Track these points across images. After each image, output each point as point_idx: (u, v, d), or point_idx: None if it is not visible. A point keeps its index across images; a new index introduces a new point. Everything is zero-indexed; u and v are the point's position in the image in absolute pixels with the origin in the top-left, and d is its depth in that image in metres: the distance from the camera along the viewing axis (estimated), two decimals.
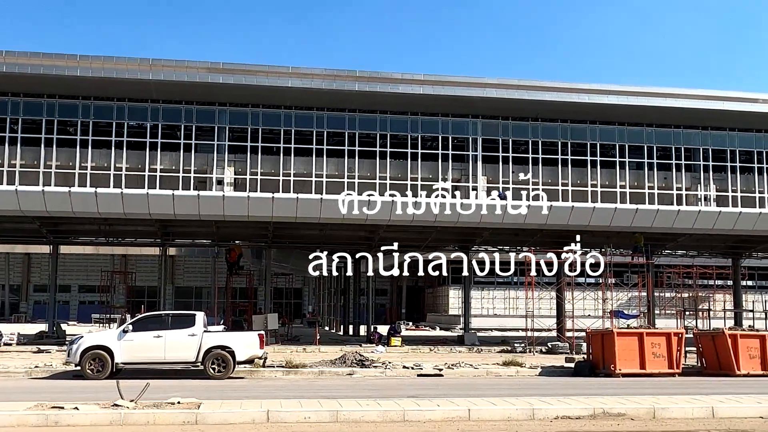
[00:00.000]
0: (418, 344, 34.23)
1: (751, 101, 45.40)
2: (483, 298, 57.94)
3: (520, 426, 11.82)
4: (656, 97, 44.69)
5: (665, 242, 37.62)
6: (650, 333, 21.84)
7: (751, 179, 46.50)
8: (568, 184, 44.91)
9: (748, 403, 13.65)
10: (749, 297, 51.26)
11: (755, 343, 21.67)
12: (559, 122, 45.45)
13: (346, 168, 43.03)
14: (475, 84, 43.61)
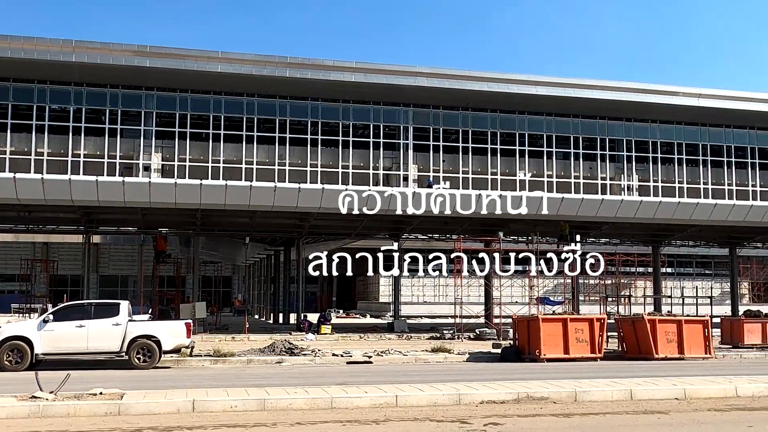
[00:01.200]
0: (349, 332, 34.30)
1: (672, 94, 46.95)
2: (413, 285, 58.41)
3: (447, 411, 11.98)
4: (582, 88, 45.77)
5: (590, 230, 38.61)
6: (574, 319, 22.40)
7: (672, 170, 48.15)
8: (497, 172, 45.63)
9: (664, 386, 14.16)
10: (668, 283, 53.06)
11: (673, 327, 22.48)
12: (488, 112, 46.09)
13: (276, 155, 42.68)
14: (407, 72, 43.80)
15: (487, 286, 35.47)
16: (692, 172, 48.39)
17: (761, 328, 26.85)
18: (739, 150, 49.15)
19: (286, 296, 41.92)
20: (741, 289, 59.78)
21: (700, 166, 48.54)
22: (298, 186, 31.28)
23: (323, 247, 44.41)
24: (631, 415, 11.87)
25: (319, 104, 43.57)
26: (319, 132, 43.41)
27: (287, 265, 42.58)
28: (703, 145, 48.76)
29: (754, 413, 12.14)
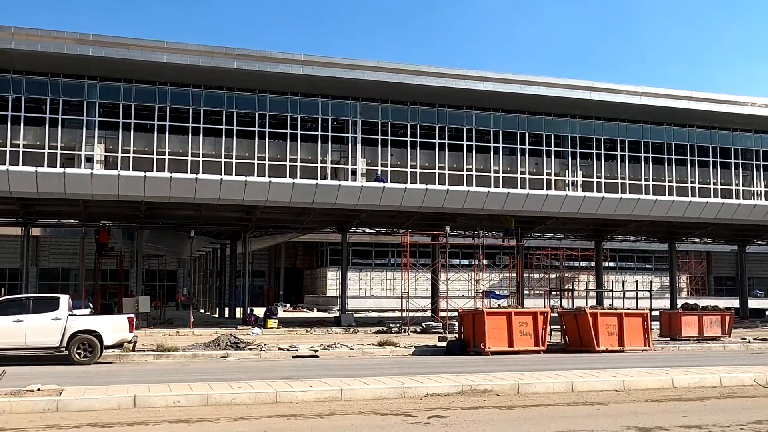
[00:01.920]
0: (295, 326, 34.18)
1: (615, 92, 47.93)
2: (361, 279, 58.47)
3: (391, 404, 12.05)
4: (529, 85, 46.39)
5: (535, 225, 39.17)
6: (518, 312, 22.70)
7: (615, 166, 49.15)
8: (444, 167, 45.97)
9: (604, 377, 14.48)
10: (610, 277, 54.22)
11: (613, 320, 22.98)
12: (437, 107, 46.36)
13: (223, 147, 42.24)
14: (356, 66, 43.77)
15: (434, 280, 35.73)
16: (634, 168, 49.49)
17: (698, 321, 27.61)
18: (679, 147, 50.46)
19: (232, 290, 41.54)
20: (680, 283, 61.45)
21: (642, 163, 49.68)
22: (244, 179, 31.00)
23: (270, 240, 44.14)
24: (571, 407, 12.11)
25: (267, 96, 43.24)
26: (267, 125, 43.11)
27: (233, 259, 42.20)
28: (645, 143, 49.91)
29: (688, 403, 12.51)
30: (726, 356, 22.24)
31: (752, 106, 50.58)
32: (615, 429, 10.06)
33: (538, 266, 52.77)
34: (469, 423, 10.46)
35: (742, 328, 34.60)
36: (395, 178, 43.48)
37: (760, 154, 52.02)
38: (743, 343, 26.59)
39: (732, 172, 51.43)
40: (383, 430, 9.99)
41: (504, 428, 10.08)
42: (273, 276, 68.69)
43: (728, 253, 60.31)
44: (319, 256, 64.24)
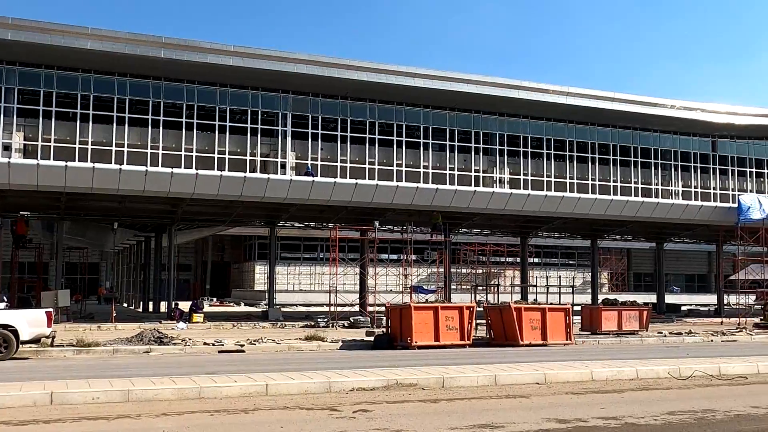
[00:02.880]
0: (222, 320, 33.77)
1: (542, 91, 48.81)
2: (289, 273, 58.17)
3: (317, 399, 12.04)
4: (459, 82, 46.80)
5: (462, 221, 39.67)
6: (445, 307, 22.99)
7: (541, 164, 50.10)
8: (374, 162, 46.00)
9: (526, 371, 14.80)
10: (535, 273, 55.36)
11: (537, 315, 23.50)
12: (367, 102, 46.31)
13: (149, 138, 41.20)
14: (287, 59, 43.33)
15: (363, 275, 35.82)
16: (559, 166, 50.52)
17: (617, 316, 28.51)
18: (602, 147, 51.74)
19: (157, 284, 40.70)
20: (601, 278, 63.28)
21: (567, 161, 50.76)
22: (171, 170, 30.41)
23: (197, 233, 43.42)
24: (494, 400, 12.34)
25: (196, 87, 42.36)
26: (195, 116, 42.24)
27: (159, 252, 41.34)
28: (570, 141, 50.98)
29: (606, 396, 12.91)
30: (643, 350, 23.01)
31: (672, 108, 52.29)
32: (536, 421, 10.30)
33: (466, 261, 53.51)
34: (394, 417, 10.54)
35: (659, 323, 35.90)
36: (325, 173, 43.29)
37: (678, 155, 53.84)
38: (659, 337, 27.58)
39: (652, 172, 53.07)
40: (309, 425, 9.97)
41: (428, 422, 10.19)
42: (199, 270, 67.66)
43: (647, 250, 62.39)
44: (247, 249, 63.59)
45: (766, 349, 23.54)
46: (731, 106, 54.74)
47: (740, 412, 11.20)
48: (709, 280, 71.45)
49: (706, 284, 72.90)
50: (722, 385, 14.54)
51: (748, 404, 11.87)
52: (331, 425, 9.91)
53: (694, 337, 28.06)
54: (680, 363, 16.56)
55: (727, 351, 21.97)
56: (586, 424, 10.12)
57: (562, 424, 10.09)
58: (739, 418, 10.67)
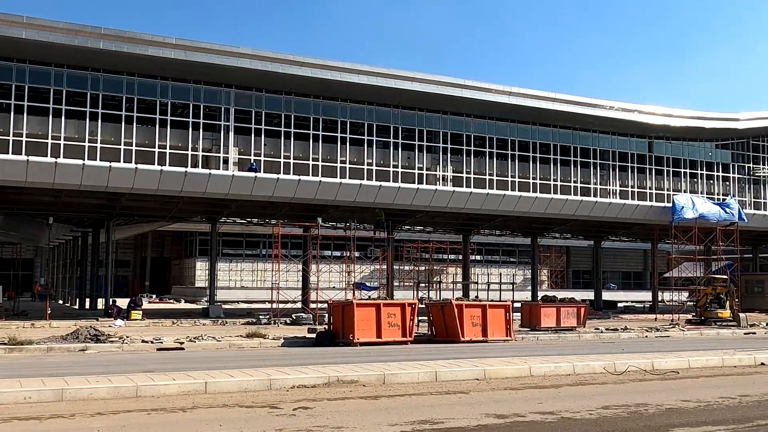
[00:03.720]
0: (161, 317, 33.22)
1: (485, 90, 49.34)
2: (231, 270, 57.56)
3: (257, 396, 11.95)
4: (403, 80, 46.97)
5: (405, 218, 39.83)
6: (387, 304, 23.04)
7: (483, 162, 50.67)
8: (318, 159, 45.83)
9: (467, 367, 14.95)
10: (477, 270, 55.99)
11: (478, 312, 23.75)
12: (311, 98, 46.10)
13: (87, 131, 40.23)
14: (230, 53, 42.81)
15: (305, 272, 35.68)
16: (501, 165, 51.16)
17: (556, 312, 29.02)
18: (543, 146, 52.59)
19: (94, 280, 39.81)
20: (541, 276, 64.40)
21: (509, 160, 51.43)
22: (109, 164, 29.74)
23: (136, 229, 42.60)
24: (435, 396, 12.44)
25: (136, 80, 41.53)
26: (135, 109, 41.40)
27: (96, 248, 40.42)
28: (512, 141, 51.66)
29: (544, 391, 13.14)
30: (580, 346, 23.49)
31: (610, 109, 53.47)
32: (475, 417, 10.41)
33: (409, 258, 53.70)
34: (335, 413, 10.54)
35: (596, 319, 36.67)
36: (268, 169, 42.93)
37: (616, 155, 55.08)
38: (596, 333, 28.18)
39: (591, 171, 54.18)
40: (248, 423, 9.89)
41: (369, 418, 10.21)
42: (139, 266, 66.39)
43: (586, 248, 63.62)
44: (187, 245, 62.68)
45: (697, 344, 24.29)
46: (667, 108, 56.30)
47: (671, 406, 11.53)
48: (645, 278, 73.36)
49: (641, 281, 74.82)
50: (655, 379, 14.94)
51: (679, 398, 12.23)
52: (270, 423, 9.85)
53: (630, 333, 28.76)
54: (615, 358, 16.96)
55: (660, 347, 22.59)
56: (523, 419, 10.29)
57: (500, 419, 10.23)
58: (670, 412, 10.99)
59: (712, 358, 17.78)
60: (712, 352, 19.31)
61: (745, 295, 46.46)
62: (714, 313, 34.94)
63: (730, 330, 32.02)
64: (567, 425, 9.92)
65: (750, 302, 46.12)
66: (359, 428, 9.50)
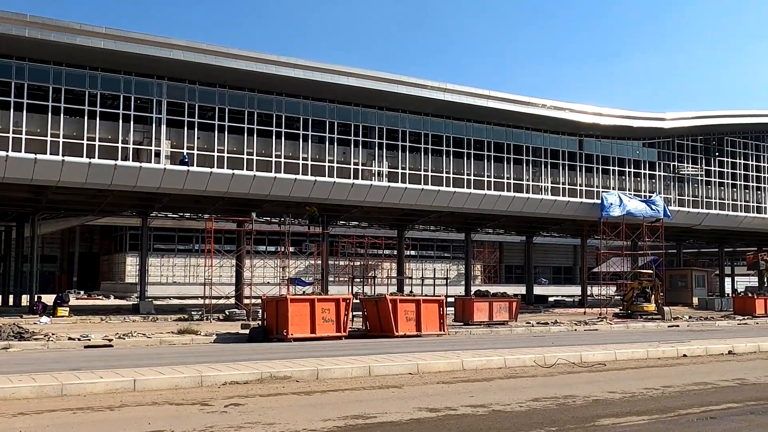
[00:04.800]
0: (89, 314, 32.38)
1: (421, 87, 49.62)
2: (163, 265, 56.48)
3: (187, 394, 11.76)
4: (339, 75, 46.82)
5: (341, 213, 39.78)
6: (321, 299, 23.01)
7: (419, 158, 50.98)
8: (253, 153, 45.34)
9: (400, 361, 15.04)
10: (412, 265, 56.30)
11: (412, 307, 23.91)
12: (246, 91, 45.56)
13: (11, 122, 38.88)
14: (162, 44, 41.93)
15: (239, 267, 35.27)
16: (436, 161, 51.58)
17: (488, 307, 29.45)
18: (478, 143, 53.23)
19: (18, 276, 38.52)
20: (475, 271, 65.23)
21: (444, 156, 51.89)
22: (34, 156, 28.80)
23: (63, 223, 41.39)
24: (368, 390, 12.47)
25: (63, 69, 40.31)
26: (63, 99, 40.18)
27: (20, 243, 39.10)
28: (447, 137, 52.14)
29: (475, 384, 13.31)
30: (512, 339, 23.89)
31: (543, 107, 54.46)
32: (408, 411, 10.48)
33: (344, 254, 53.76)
34: (267, 410, 10.45)
35: (528, 313, 37.37)
36: (202, 162, 42.27)
37: (548, 152, 56.17)
38: (528, 327, 28.70)
39: (523, 168, 55.11)
40: (178, 421, 9.72)
41: (301, 414, 10.16)
42: (66, 261, 64.53)
43: (518, 243, 64.70)
44: (118, 240, 61.25)
45: (623, 337, 25.00)
46: (597, 108, 57.67)
47: (598, 397, 11.83)
48: (575, 273, 75.03)
49: (571, 276, 76.52)
50: (583, 372, 15.31)
51: (605, 390, 12.56)
52: (201, 420, 9.70)
53: (560, 327, 29.40)
54: (545, 352, 17.31)
55: (588, 339, 23.16)
56: (455, 412, 10.40)
57: (432, 413, 10.32)
58: (596, 403, 11.27)
59: (638, 351, 18.32)
60: (638, 345, 19.90)
61: (669, 289, 47.99)
62: (640, 307, 36.04)
63: (655, 323, 33.08)
64: (497, 418, 10.07)
65: (674, 296, 47.70)
66: (291, 424, 9.45)
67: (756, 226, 52.13)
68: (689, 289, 50.97)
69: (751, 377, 14.59)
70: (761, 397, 12.01)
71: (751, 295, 43.20)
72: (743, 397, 11.99)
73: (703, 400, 11.64)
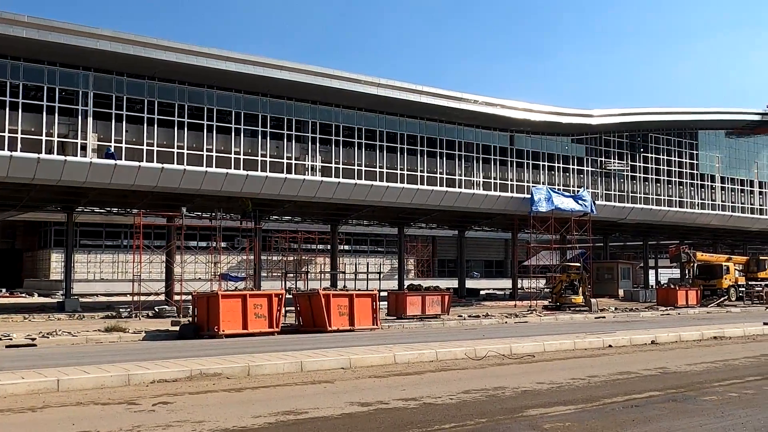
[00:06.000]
0: (11, 312, 31.33)
1: (354, 81, 49.48)
2: (90, 261, 55.00)
3: (114, 393, 11.50)
4: (272, 68, 46.29)
5: (274, 208, 39.45)
6: (253, 295, 22.81)
7: (352, 153, 50.93)
8: (183, 147, 44.51)
9: (332, 356, 15.02)
10: (345, 260, 56.25)
11: (345, 301, 23.95)
12: (177, 84, 44.66)
13: None
14: (88, 34, 40.69)
15: (169, 263, 34.65)
16: (370, 156, 51.60)
17: (421, 301, 29.71)
18: (411, 138, 53.45)
19: None
20: (408, 265, 65.60)
21: (377, 151, 51.96)
22: None
23: None
24: (300, 386, 12.42)
25: None
26: None
27: None
28: (380, 132, 52.21)
29: (407, 378, 13.40)
30: (444, 333, 24.16)
31: (475, 103, 55.03)
32: (339, 406, 10.48)
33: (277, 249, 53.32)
34: (196, 408, 10.31)
35: (460, 307, 37.84)
36: (131, 156, 41.20)
37: (480, 147, 56.84)
38: (460, 320, 29.07)
39: (456, 163, 55.65)
40: (104, 421, 9.50)
41: (232, 411, 10.06)
42: None
43: (451, 237, 65.34)
44: (42, 236, 59.37)
45: (552, 329, 25.56)
46: (528, 104, 58.63)
47: (527, 388, 12.07)
48: (506, 266, 76.27)
49: (503, 270, 77.77)
50: (512, 363, 15.59)
51: (534, 381, 12.82)
52: (128, 420, 9.50)
53: (491, 320, 29.87)
54: (476, 344, 17.56)
55: (518, 332, 23.58)
56: (387, 406, 10.45)
57: (364, 407, 10.35)
58: (525, 394, 11.49)
59: (565, 342, 18.76)
60: (565, 336, 20.37)
61: (596, 281, 49.34)
62: (568, 299, 36.93)
63: (583, 315, 33.93)
64: (428, 411, 10.16)
65: (601, 288, 49.05)
66: (221, 421, 9.34)
67: (677, 220, 53.98)
68: (615, 281, 52.46)
69: (672, 366, 15.11)
70: (681, 385, 12.46)
71: (673, 287, 44.76)
72: (665, 386, 12.41)
73: (627, 389, 12.00)
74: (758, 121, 75.71)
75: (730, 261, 49.29)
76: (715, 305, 42.90)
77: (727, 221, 57.84)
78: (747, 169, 76.65)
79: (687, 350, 18.68)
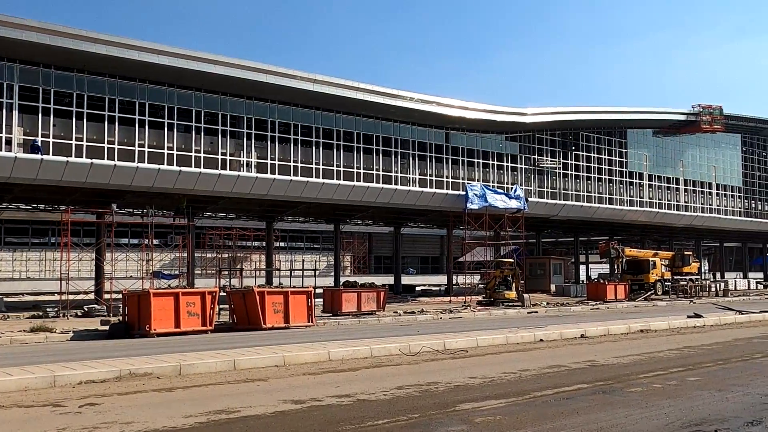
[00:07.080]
0: None
1: (290, 77, 49.24)
2: (15, 260, 53.24)
3: (39, 395, 11.16)
4: (206, 62, 45.67)
5: (208, 204, 38.88)
6: (186, 293, 22.44)
7: (288, 149, 50.65)
8: (114, 142, 43.52)
9: (266, 354, 14.91)
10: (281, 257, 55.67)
11: (280, 299, 23.77)
12: (107, 77, 43.66)
13: None
14: (14, 25, 39.43)
15: (98, 261, 33.75)
16: (306, 152, 51.44)
17: (356, 297, 29.73)
18: (347, 134, 53.52)
19: None
20: (344, 261, 65.56)
21: (313, 147, 51.81)
22: None
23: None
24: (233, 385, 12.28)
25: None
26: None
27: None
28: (317, 128, 52.10)
29: (342, 374, 13.40)
30: (379, 329, 24.22)
31: (411, 100, 55.40)
32: (272, 403, 10.41)
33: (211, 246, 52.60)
34: (125, 408, 10.09)
35: (396, 303, 37.98)
36: (59, 151, 40.12)
37: (416, 144, 57.26)
38: (395, 317, 29.18)
39: (392, 159, 55.91)
40: (28, 424, 9.22)
41: (162, 411, 9.88)
42: None
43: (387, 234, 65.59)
44: None
45: (485, 324, 25.90)
46: (463, 102, 59.33)
47: (459, 383, 12.21)
48: (442, 262, 76.95)
49: (439, 266, 78.41)
50: (446, 359, 15.75)
51: (466, 375, 12.97)
52: (53, 423, 9.23)
53: (426, 316, 30.08)
54: (411, 340, 17.68)
55: (453, 327, 23.84)
56: (320, 403, 10.43)
57: (297, 405, 10.31)
58: (458, 389, 11.62)
59: (498, 337, 19.05)
60: (498, 331, 20.68)
61: (529, 277, 50.19)
62: (502, 295, 37.48)
63: (516, 310, 34.50)
64: (362, 407, 10.18)
65: (534, 284, 49.93)
66: (151, 422, 9.16)
67: (607, 217, 55.36)
68: (547, 276, 53.49)
69: (601, 359, 15.51)
70: (609, 377, 12.79)
71: (602, 282, 45.91)
72: (593, 378, 12.72)
73: (557, 382, 12.25)
74: (684, 121, 78.42)
75: (656, 256, 50.78)
76: (642, 299, 44.15)
77: (654, 218, 59.58)
78: (673, 168, 79.28)
79: (615, 343, 19.18)
